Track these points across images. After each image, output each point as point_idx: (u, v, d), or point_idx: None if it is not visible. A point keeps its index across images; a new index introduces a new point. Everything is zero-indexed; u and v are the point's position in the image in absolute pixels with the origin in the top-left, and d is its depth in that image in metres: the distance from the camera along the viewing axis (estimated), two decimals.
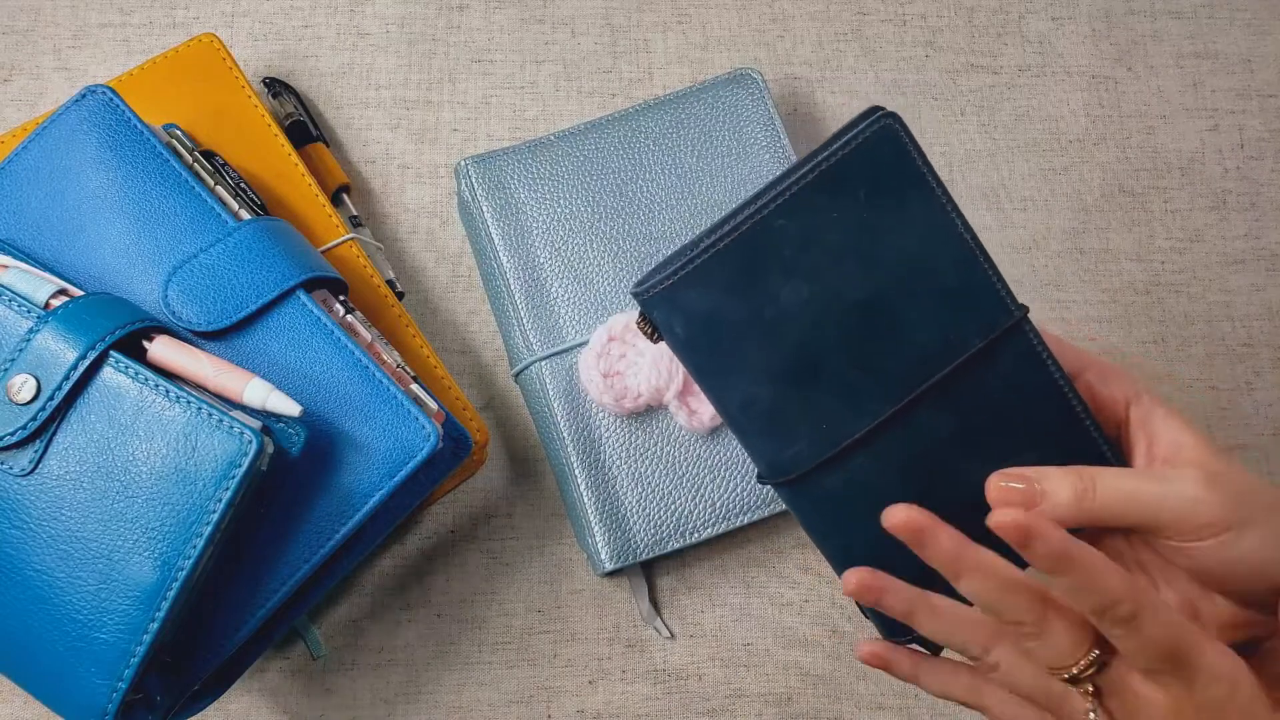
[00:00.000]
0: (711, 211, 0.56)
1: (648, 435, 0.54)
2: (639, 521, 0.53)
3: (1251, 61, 0.66)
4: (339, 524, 0.45)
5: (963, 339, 0.38)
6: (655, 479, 0.53)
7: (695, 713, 0.54)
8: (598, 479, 0.53)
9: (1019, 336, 0.39)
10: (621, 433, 0.54)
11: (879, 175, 0.37)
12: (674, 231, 0.56)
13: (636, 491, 0.53)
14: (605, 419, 0.54)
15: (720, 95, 0.58)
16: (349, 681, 0.53)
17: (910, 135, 0.38)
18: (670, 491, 0.53)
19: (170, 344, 0.44)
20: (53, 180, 0.49)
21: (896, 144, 0.37)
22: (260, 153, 0.56)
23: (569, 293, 0.55)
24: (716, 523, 0.53)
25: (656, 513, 0.53)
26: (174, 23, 0.63)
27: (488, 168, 0.57)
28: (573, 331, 0.55)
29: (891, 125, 0.37)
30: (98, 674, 0.41)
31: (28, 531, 0.42)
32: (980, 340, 0.38)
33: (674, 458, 0.54)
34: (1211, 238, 0.63)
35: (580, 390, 0.54)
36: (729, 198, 0.57)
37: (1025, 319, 0.39)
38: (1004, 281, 0.38)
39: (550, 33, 0.64)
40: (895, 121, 0.37)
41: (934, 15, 0.66)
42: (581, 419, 0.54)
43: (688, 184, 0.57)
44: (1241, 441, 0.59)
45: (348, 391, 0.46)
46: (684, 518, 0.53)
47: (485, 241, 0.57)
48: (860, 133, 0.37)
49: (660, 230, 0.56)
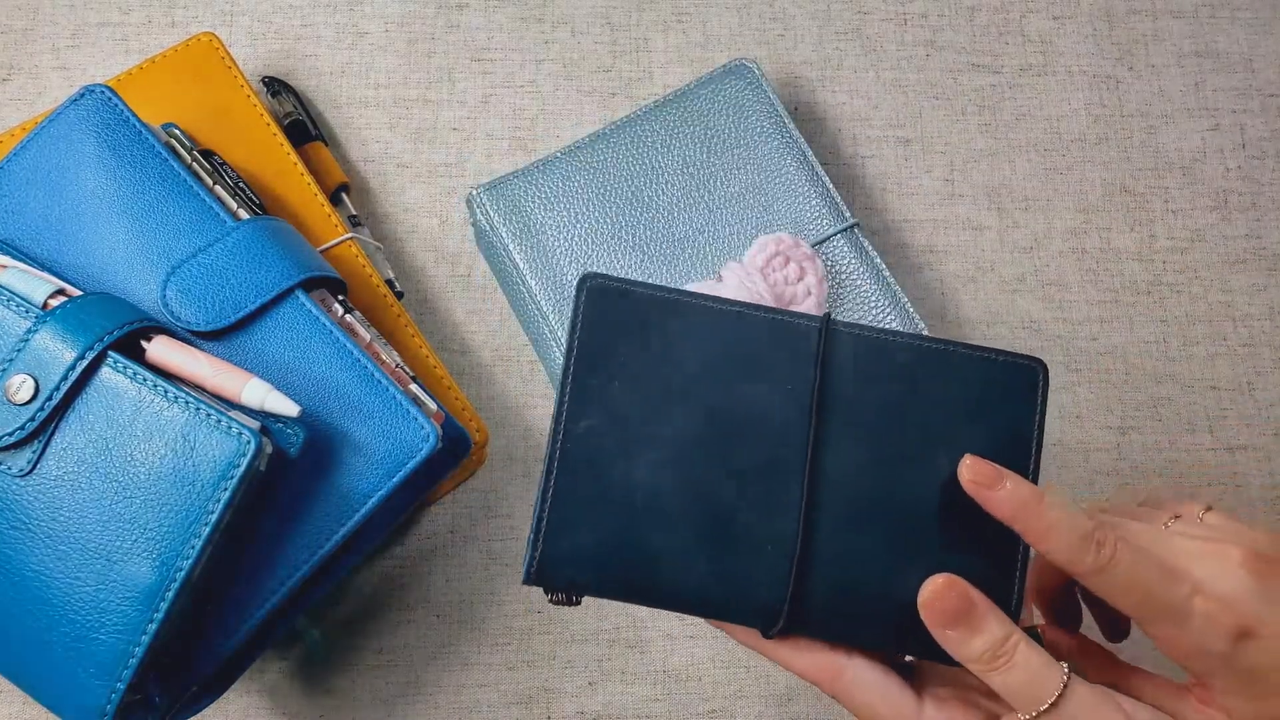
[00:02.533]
0: (730, 204, 0.56)
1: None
2: None
3: (1253, 61, 0.66)
4: (338, 524, 0.45)
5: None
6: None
7: (695, 713, 0.54)
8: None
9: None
10: None
11: (611, 333, 0.38)
12: (697, 229, 0.56)
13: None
14: None
15: (720, 89, 0.58)
16: (349, 681, 0.53)
17: (618, 286, 0.38)
18: None
19: (169, 344, 0.44)
20: (51, 180, 0.48)
21: (610, 294, 0.38)
22: (259, 152, 0.56)
23: None
24: None
25: None
26: (172, 22, 0.63)
27: (501, 193, 0.56)
28: None
29: (595, 287, 0.38)
30: (96, 674, 0.41)
31: (26, 532, 0.42)
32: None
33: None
34: (1213, 237, 0.63)
35: None
36: (744, 188, 0.56)
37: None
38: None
39: (550, 32, 0.64)
40: (597, 281, 0.38)
41: (935, 14, 0.66)
42: None
43: (701, 180, 0.57)
44: (1242, 442, 0.59)
45: (347, 392, 0.46)
46: None
47: (510, 268, 0.56)
48: (575, 315, 0.38)
49: (683, 230, 0.56)
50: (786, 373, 0.38)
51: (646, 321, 0.38)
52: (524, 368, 0.58)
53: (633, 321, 0.38)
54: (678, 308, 0.38)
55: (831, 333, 0.38)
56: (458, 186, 0.61)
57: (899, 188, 0.63)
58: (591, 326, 0.38)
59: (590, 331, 0.38)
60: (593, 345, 0.38)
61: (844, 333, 0.38)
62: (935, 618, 0.35)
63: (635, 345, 0.38)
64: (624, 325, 0.38)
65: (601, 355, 0.38)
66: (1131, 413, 0.60)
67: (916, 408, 0.38)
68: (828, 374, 0.38)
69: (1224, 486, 0.59)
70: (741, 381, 0.38)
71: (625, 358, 0.38)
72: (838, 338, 0.38)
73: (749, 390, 0.38)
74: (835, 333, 0.38)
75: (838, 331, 0.38)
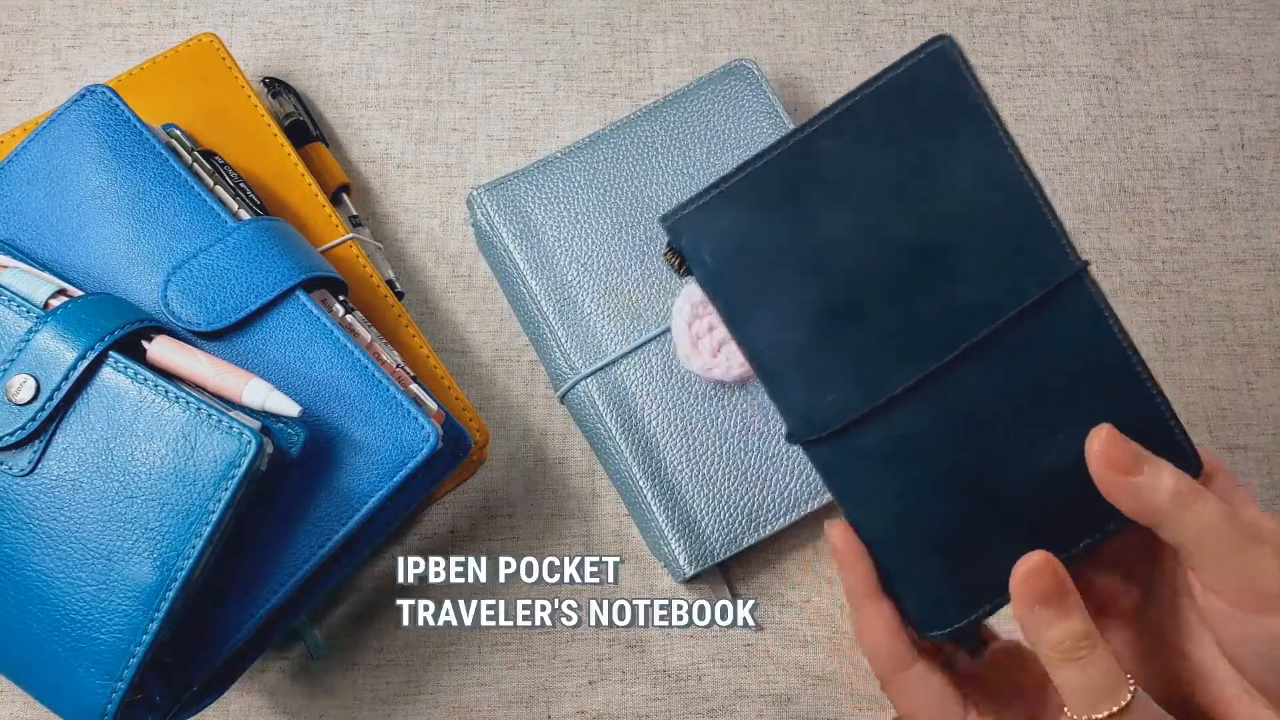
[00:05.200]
0: None
1: (706, 434, 0.53)
2: (711, 523, 0.53)
3: (1252, 61, 0.66)
4: (338, 524, 0.45)
5: (1018, 289, 0.35)
6: (720, 478, 0.53)
7: (695, 713, 0.54)
8: (664, 487, 0.53)
9: (1078, 289, 0.35)
10: (679, 436, 0.53)
11: (932, 101, 0.34)
12: None
13: (704, 493, 0.53)
14: (661, 426, 0.54)
15: (719, 89, 0.58)
16: (349, 681, 0.53)
17: (966, 62, 0.35)
18: (737, 488, 0.53)
19: (169, 344, 0.44)
20: (52, 180, 0.48)
21: (953, 70, 0.34)
22: (260, 152, 0.56)
23: (602, 306, 0.55)
24: (788, 512, 0.53)
25: (726, 512, 0.53)
26: (173, 22, 0.63)
27: (501, 194, 0.56)
28: (612, 344, 0.55)
29: (946, 48, 0.34)
30: (97, 674, 0.41)
31: (27, 532, 0.42)
32: (1037, 291, 0.35)
33: (735, 453, 0.53)
34: (1212, 238, 0.63)
35: (677, 374, 0.53)
36: None
37: (1085, 272, 0.35)
38: (1064, 230, 0.35)
39: (550, 32, 0.64)
40: (951, 45, 0.34)
41: (934, 15, 0.66)
42: (637, 430, 0.54)
43: (701, 180, 0.56)
44: (1241, 442, 0.59)
45: (347, 392, 0.46)
46: (754, 512, 0.53)
47: (510, 268, 0.56)
48: (914, 55, 0.34)
49: None
50: (1019, 283, 0.35)
51: (954, 118, 0.35)
52: (524, 368, 0.58)
53: (942, 107, 0.35)
54: (986, 131, 0.35)
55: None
56: (458, 187, 0.61)
57: None
58: (911, 80, 0.34)
59: (898, 85, 0.34)
60: (897, 95, 0.34)
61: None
62: (1027, 593, 0.34)
63: (925, 122, 0.35)
64: (933, 102, 0.35)
65: (894, 108, 0.35)
66: None
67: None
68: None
69: None
70: (979, 247, 0.35)
71: (913, 128, 0.35)
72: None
73: (975, 258, 0.35)
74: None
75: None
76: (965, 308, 0.35)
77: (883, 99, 0.34)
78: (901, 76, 0.34)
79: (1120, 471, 0.34)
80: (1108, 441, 0.34)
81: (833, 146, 0.34)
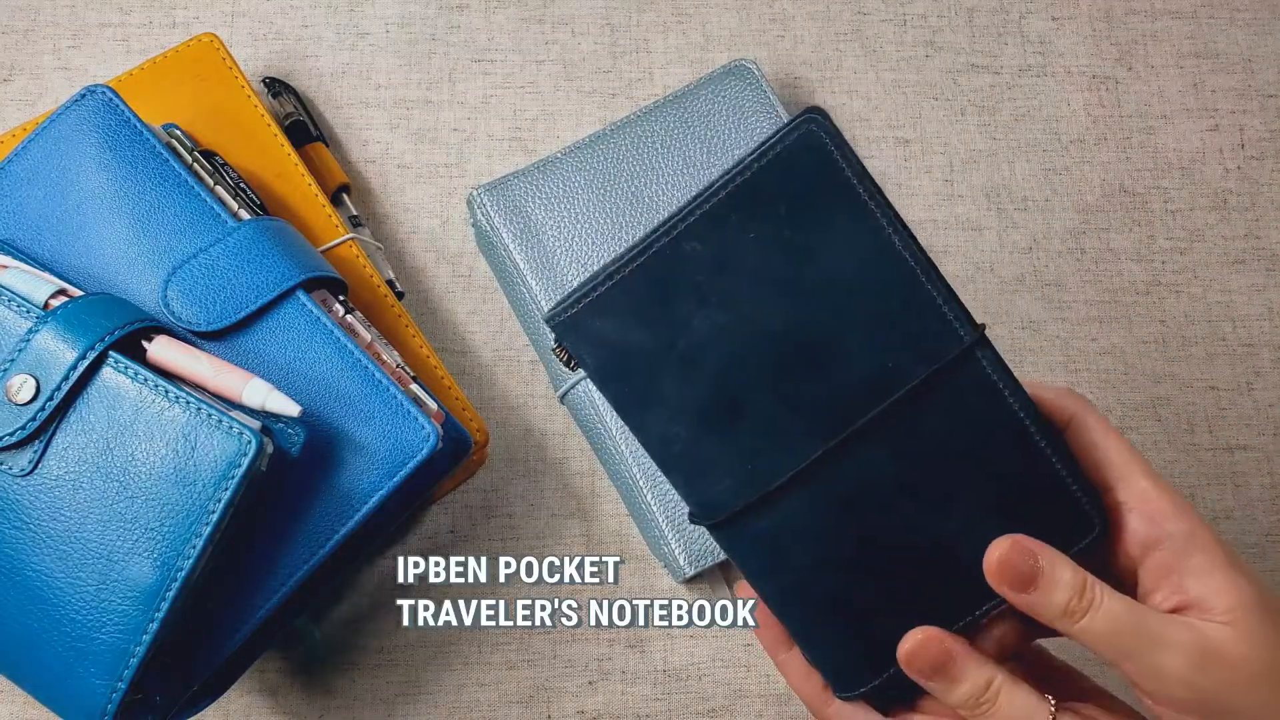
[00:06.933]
0: None
1: None
2: None
3: (1252, 61, 0.66)
4: (339, 524, 0.45)
5: (903, 369, 0.35)
6: None
7: (695, 713, 0.54)
8: (663, 488, 0.53)
9: (970, 364, 0.35)
10: None
11: (801, 188, 0.33)
12: None
13: None
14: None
15: (719, 89, 0.58)
16: (349, 681, 0.53)
17: (839, 139, 0.33)
18: None
19: (170, 344, 0.44)
20: (52, 180, 0.48)
21: (820, 152, 0.33)
22: (260, 152, 0.56)
23: None
24: None
25: None
26: (174, 22, 0.63)
27: (501, 194, 0.56)
28: None
29: (813, 131, 0.33)
30: (97, 674, 0.41)
31: (27, 532, 0.42)
32: (923, 370, 0.34)
33: None
34: (1212, 238, 0.63)
35: None
36: None
37: (978, 345, 0.35)
38: (956, 302, 0.35)
39: (550, 32, 0.64)
40: (818, 126, 0.33)
41: (934, 15, 0.66)
42: None
43: (701, 180, 0.57)
44: (1241, 442, 0.59)
45: (347, 392, 0.46)
46: None
47: (510, 268, 0.56)
48: (779, 140, 0.33)
49: None
50: (904, 362, 0.35)
51: (827, 202, 0.33)
52: (524, 368, 0.59)
53: (813, 192, 0.33)
54: (861, 213, 0.34)
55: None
56: (458, 187, 0.61)
57: (898, 188, 0.63)
58: (777, 168, 0.33)
59: (765, 174, 0.33)
60: (763, 186, 0.33)
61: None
62: (915, 669, 0.35)
63: (795, 210, 0.33)
64: (802, 188, 0.33)
65: (761, 199, 0.34)
66: (1131, 413, 0.60)
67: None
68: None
69: (1223, 486, 0.59)
70: (860, 330, 0.35)
71: (782, 218, 0.34)
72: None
73: (857, 342, 0.35)
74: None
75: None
76: (849, 393, 0.35)
77: (749, 191, 0.34)
78: (768, 168, 0.33)
79: (1013, 590, 0.35)
80: (999, 563, 0.35)
81: (699, 248, 0.34)
